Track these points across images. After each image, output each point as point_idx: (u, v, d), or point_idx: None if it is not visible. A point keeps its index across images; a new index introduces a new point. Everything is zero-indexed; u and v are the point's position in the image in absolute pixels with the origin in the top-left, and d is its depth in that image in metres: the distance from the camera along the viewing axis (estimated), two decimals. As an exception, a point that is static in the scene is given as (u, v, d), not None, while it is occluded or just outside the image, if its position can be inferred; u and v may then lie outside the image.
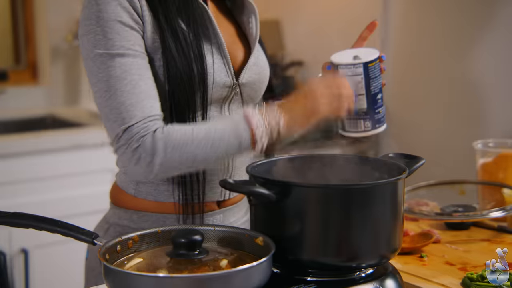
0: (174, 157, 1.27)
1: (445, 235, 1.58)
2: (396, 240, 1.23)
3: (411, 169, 1.30)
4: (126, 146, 1.28)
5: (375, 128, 1.40)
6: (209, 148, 1.28)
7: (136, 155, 1.27)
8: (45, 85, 3.32)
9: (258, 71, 1.48)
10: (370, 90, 1.37)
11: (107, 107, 1.30)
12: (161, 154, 1.27)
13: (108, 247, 1.14)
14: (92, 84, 1.33)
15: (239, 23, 1.53)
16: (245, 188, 1.16)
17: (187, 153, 1.27)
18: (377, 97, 1.38)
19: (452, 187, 1.75)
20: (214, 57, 1.39)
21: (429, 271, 1.38)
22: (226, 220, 1.47)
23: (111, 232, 1.45)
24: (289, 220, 1.18)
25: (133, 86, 1.29)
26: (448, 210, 1.61)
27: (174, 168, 1.29)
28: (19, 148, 2.60)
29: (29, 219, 1.16)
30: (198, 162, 1.29)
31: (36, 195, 2.60)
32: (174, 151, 1.27)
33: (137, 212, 1.43)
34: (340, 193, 1.17)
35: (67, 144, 2.68)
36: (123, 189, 1.46)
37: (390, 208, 1.21)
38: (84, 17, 1.34)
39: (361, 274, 1.23)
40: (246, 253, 1.19)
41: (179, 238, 1.12)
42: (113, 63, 1.29)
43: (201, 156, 1.28)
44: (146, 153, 1.27)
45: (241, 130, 1.29)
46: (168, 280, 1.04)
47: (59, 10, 3.21)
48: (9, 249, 2.52)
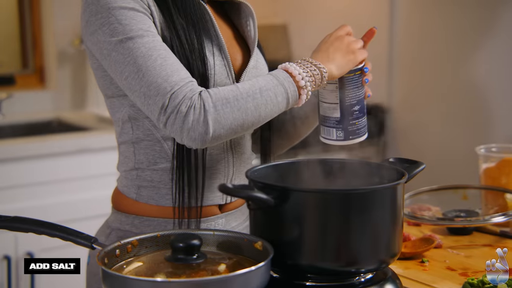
0: (226, 112, 1.25)
1: (447, 240, 1.58)
2: (395, 245, 1.23)
3: (411, 174, 1.30)
4: (175, 113, 1.25)
5: (348, 139, 1.41)
6: (258, 99, 1.28)
7: (188, 118, 1.24)
8: (52, 89, 3.33)
9: (258, 73, 1.47)
10: (345, 101, 1.37)
11: (144, 86, 1.27)
12: (212, 110, 1.24)
13: (107, 251, 1.14)
14: (121, 72, 1.30)
15: (237, 26, 1.53)
16: (244, 192, 1.16)
17: (238, 106, 1.26)
18: (354, 109, 1.39)
19: (455, 192, 1.74)
20: (215, 58, 1.39)
21: (429, 276, 1.37)
22: (228, 225, 1.47)
23: (112, 237, 1.45)
24: (288, 225, 1.18)
25: (163, 59, 1.28)
26: (450, 215, 1.61)
27: (229, 125, 1.26)
28: (25, 152, 2.61)
29: (29, 224, 1.16)
30: (250, 115, 1.27)
31: (42, 199, 2.62)
32: (225, 106, 1.25)
33: (139, 217, 1.43)
34: (338, 198, 1.17)
35: (72, 148, 2.69)
36: (124, 193, 1.46)
37: (390, 213, 1.21)
38: (92, 13, 1.33)
39: (361, 279, 1.23)
40: (245, 257, 1.20)
41: (177, 242, 1.12)
42: (135, 45, 1.28)
43: (251, 108, 1.27)
44: (198, 113, 1.24)
45: (283, 79, 1.30)
46: (165, 285, 1.05)
47: (66, 15, 3.23)
48: (14, 252, 2.54)
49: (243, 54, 1.48)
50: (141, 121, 1.40)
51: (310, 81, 1.32)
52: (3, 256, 2.51)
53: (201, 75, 1.34)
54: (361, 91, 1.39)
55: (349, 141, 1.41)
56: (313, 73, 1.32)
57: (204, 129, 1.24)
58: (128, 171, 1.45)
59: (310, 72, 1.32)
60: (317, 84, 1.33)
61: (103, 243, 1.16)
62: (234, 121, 1.26)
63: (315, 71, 1.32)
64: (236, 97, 1.26)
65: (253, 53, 1.47)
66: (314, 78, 1.32)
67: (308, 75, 1.32)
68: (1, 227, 1.15)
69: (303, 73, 1.31)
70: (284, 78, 1.31)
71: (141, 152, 1.42)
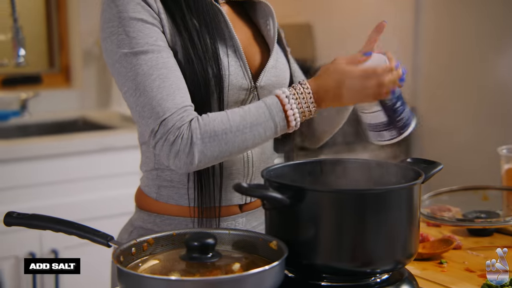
0: (213, 145, 1.27)
1: (466, 242, 1.56)
2: (411, 246, 1.22)
3: (429, 174, 1.29)
4: (163, 140, 1.28)
5: (401, 134, 1.38)
6: (247, 134, 1.28)
7: (175, 147, 1.27)
8: (77, 88, 3.37)
9: (277, 73, 1.47)
10: (386, 105, 1.35)
11: (139, 105, 1.30)
12: (199, 143, 1.26)
13: (123, 249, 1.15)
14: (121, 84, 1.33)
15: (257, 25, 1.52)
16: (258, 192, 1.16)
17: (225, 141, 1.27)
18: (395, 106, 1.36)
19: (475, 193, 1.72)
20: (230, 59, 1.39)
21: (447, 277, 1.36)
22: (249, 224, 1.47)
23: (134, 235, 1.46)
24: (303, 225, 1.18)
25: (162, 80, 1.29)
26: (470, 216, 1.60)
27: (215, 157, 1.29)
28: (50, 150, 2.63)
29: (46, 221, 1.18)
30: (237, 148, 1.29)
31: (66, 197, 2.64)
32: (212, 139, 1.27)
33: (160, 216, 1.45)
34: (354, 198, 1.17)
35: (97, 146, 2.71)
36: (146, 193, 1.47)
37: (406, 213, 1.20)
38: (105, 20, 1.35)
39: (376, 279, 1.23)
40: (260, 257, 1.20)
41: (192, 241, 1.13)
42: (138, 61, 1.30)
43: (239, 142, 1.28)
44: (184, 144, 1.26)
45: (274, 112, 1.29)
46: (179, 283, 1.05)
47: (91, 15, 3.25)
48: (39, 249, 2.56)
49: (263, 54, 1.48)
50: None
51: (301, 117, 1.31)
52: (28, 253, 2.53)
53: (215, 76, 1.34)
54: (398, 88, 1.37)
55: (403, 135, 1.39)
56: (308, 111, 1.31)
57: (189, 159, 1.27)
58: (149, 171, 1.46)
59: (305, 110, 1.31)
60: (307, 118, 1.32)
61: (119, 241, 1.17)
62: (220, 153, 1.28)
63: (312, 109, 1.31)
64: (225, 130, 1.27)
65: (272, 52, 1.47)
66: (306, 115, 1.31)
67: (301, 112, 1.30)
68: (19, 225, 1.17)
69: (297, 113, 1.30)
70: (277, 113, 1.29)
71: None
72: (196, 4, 1.37)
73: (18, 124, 3.07)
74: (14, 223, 1.17)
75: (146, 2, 1.34)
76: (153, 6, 1.34)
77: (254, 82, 1.42)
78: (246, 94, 1.41)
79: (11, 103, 3.16)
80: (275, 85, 1.46)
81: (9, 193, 2.53)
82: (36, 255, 2.54)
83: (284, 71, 1.50)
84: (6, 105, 3.15)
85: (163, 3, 1.35)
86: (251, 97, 1.42)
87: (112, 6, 1.34)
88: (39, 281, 2.56)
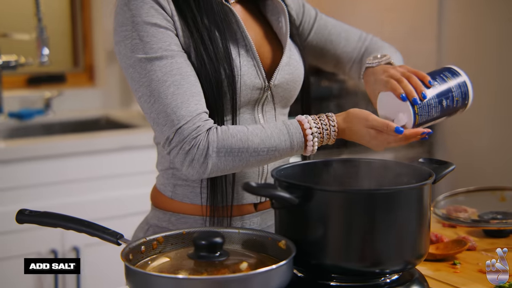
0: (228, 160, 1.30)
1: (482, 243, 1.55)
2: (422, 246, 1.21)
3: (440, 174, 1.28)
4: (178, 148, 1.29)
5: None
6: (263, 156, 1.31)
7: (189, 156, 1.28)
8: (100, 87, 3.40)
9: (291, 70, 1.47)
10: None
11: (153, 112, 1.31)
12: (214, 156, 1.28)
13: (132, 247, 1.16)
14: (135, 90, 1.34)
15: (269, 23, 1.52)
16: (267, 191, 1.17)
17: (240, 158, 1.30)
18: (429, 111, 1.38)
19: (492, 194, 1.70)
20: (243, 59, 1.38)
21: (460, 278, 1.35)
22: (264, 223, 1.47)
23: (149, 233, 1.47)
24: (312, 224, 1.18)
25: (176, 87, 1.30)
26: (486, 217, 1.58)
27: (227, 170, 1.31)
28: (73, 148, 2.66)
29: (57, 219, 1.19)
30: (250, 166, 1.33)
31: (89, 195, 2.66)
32: (227, 156, 1.29)
33: (175, 214, 1.45)
34: (362, 198, 1.16)
35: (118, 145, 2.72)
36: (161, 191, 1.48)
37: (415, 214, 1.19)
38: (119, 23, 1.35)
39: (386, 280, 1.22)
40: (269, 256, 1.20)
41: (200, 240, 1.13)
42: (153, 67, 1.30)
43: (253, 162, 1.32)
44: (200, 155, 1.28)
45: (295, 142, 1.32)
46: (185, 282, 1.06)
47: (115, 14, 3.28)
48: (61, 247, 2.59)
49: (276, 52, 1.47)
50: None
51: (318, 145, 1.35)
52: (50, 250, 2.56)
53: (228, 76, 1.34)
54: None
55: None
56: (327, 141, 1.35)
57: (202, 169, 1.29)
58: (164, 170, 1.47)
59: (324, 141, 1.35)
60: (324, 143, 1.36)
61: (128, 239, 1.18)
62: (233, 168, 1.32)
63: (330, 141, 1.35)
64: (242, 150, 1.30)
65: (285, 50, 1.46)
66: (323, 143, 1.35)
67: (319, 141, 1.34)
68: (30, 222, 1.18)
69: (316, 143, 1.34)
70: (297, 143, 1.33)
71: None
72: (206, 5, 1.37)
73: (42, 122, 3.10)
74: (26, 220, 1.19)
75: (159, 5, 1.33)
76: (167, 9, 1.34)
77: (268, 81, 1.42)
78: (260, 93, 1.41)
79: (36, 102, 3.20)
80: (290, 82, 1.46)
81: (32, 190, 2.56)
82: (58, 252, 2.57)
83: (298, 68, 1.49)
84: (31, 104, 3.19)
85: (175, 5, 1.35)
86: (265, 96, 1.42)
87: (125, 9, 1.34)
88: (60, 280, 2.59)
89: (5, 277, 2.51)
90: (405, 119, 1.33)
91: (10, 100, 3.10)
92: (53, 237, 2.56)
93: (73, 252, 2.60)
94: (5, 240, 2.49)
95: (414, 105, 1.33)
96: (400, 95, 1.34)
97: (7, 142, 2.72)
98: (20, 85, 3.27)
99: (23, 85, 3.28)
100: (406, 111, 1.33)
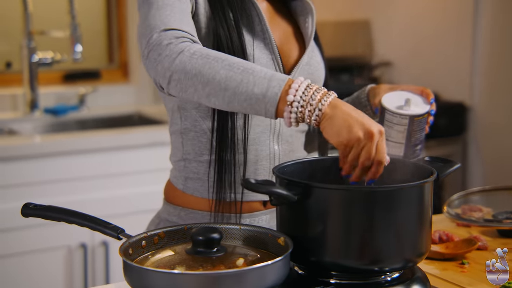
0: (197, 64, 1.21)
1: (494, 243, 1.53)
2: (422, 244, 1.21)
3: (444, 173, 1.27)
4: (159, 40, 1.24)
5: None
6: (236, 72, 1.19)
7: (161, 48, 1.23)
8: (134, 84, 3.44)
9: (311, 71, 1.47)
10: (410, 141, 1.37)
11: (147, 19, 1.28)
12: (187, 55, 1.22)
13: (132, 242, 1.18)
14: (138, 8, 1.34)
15: (298, 23, 1.53)
16: (265, 188, 1.16)
17: (210, 66, 1.20)
18: (416, 148, 1.39)
19: (509, 193, 1.68)
20: (261, 52, 1.40)
21: (466, 278, 1.34)
22: (273, 222, 1.47)
23: (160, 227, 1.49)
24: (312, 222, 1.18)
25: (172, 9, 1.29)
26: (500, 217, 1.56)
27: (192, 74, 1.21)
28: (105, 143, 2.69)
29: (60, 213, 1.21)
30: (215, 82, 1.19)
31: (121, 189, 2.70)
32: (200, 59, 1.21)
33: (185, 209, 1.47)
34: (362, 195, 1.16)
35: (149, 140, 2.76)
36: (174, 184, 1.50)
37: (416, 212, 1.19)
38: None
39: (387, 277, 1.22)
40: (269, 252, 1.20)
41: (197, 235, 1.14)
42: None
43: (221, 76, 1.19)
44: (172, 49, 1.22)
45: (275, 80, 1.18)
46: (180, 277, 1.06)
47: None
48: (91, 241, 2.64)
49: (299, 51, 1.49)
50: (189, 111, 1.43)
51: (298, 113, 1.18)
52: (79, 244, 2.61)
53: None
54: (424, 131, 1.40)
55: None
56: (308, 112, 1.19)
57: (167, 61, 1.22)
58: (177, 161, 1.49)
59: (305, 110, 1.18)
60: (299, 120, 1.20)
61: (129, 234, 1.20)
62: (196, 75, 1.20)
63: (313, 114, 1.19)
64: (217, 58, 1.21)
65: (307, 49, 1.47)
66: (303, 115, 1.19)
67: (301, 105, 1.18)
68: (35, 216, 1.21)
69: (299, 101, 1.17)
70: (277, 82, 1.18)
71: (189, 143, 1.45)
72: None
73: (76, 118, 3.16)
74: (31, 214, 1.21)
75: None
76: None
77: None
78: None
79: (71, 98, 3.26)
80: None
81: (66, 184, 2.60)
82: (88, 246, 2.62)
83: (318, 69, 1.50)
84: (66, 100, 3.25)
85: None
86: None
87: None
88: (90, 270, 2.64)
89: (43, 268, 2.57)
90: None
91: (46, 96, 3.17)
92: (83, 231, 2.61)
93: (103, 247, 2.65)
94: (44, 232, 2.54)
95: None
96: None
97: (43, 137, 2.79)
98: (56, 81, 3.34)
99: (60, 81, 3.35)
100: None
